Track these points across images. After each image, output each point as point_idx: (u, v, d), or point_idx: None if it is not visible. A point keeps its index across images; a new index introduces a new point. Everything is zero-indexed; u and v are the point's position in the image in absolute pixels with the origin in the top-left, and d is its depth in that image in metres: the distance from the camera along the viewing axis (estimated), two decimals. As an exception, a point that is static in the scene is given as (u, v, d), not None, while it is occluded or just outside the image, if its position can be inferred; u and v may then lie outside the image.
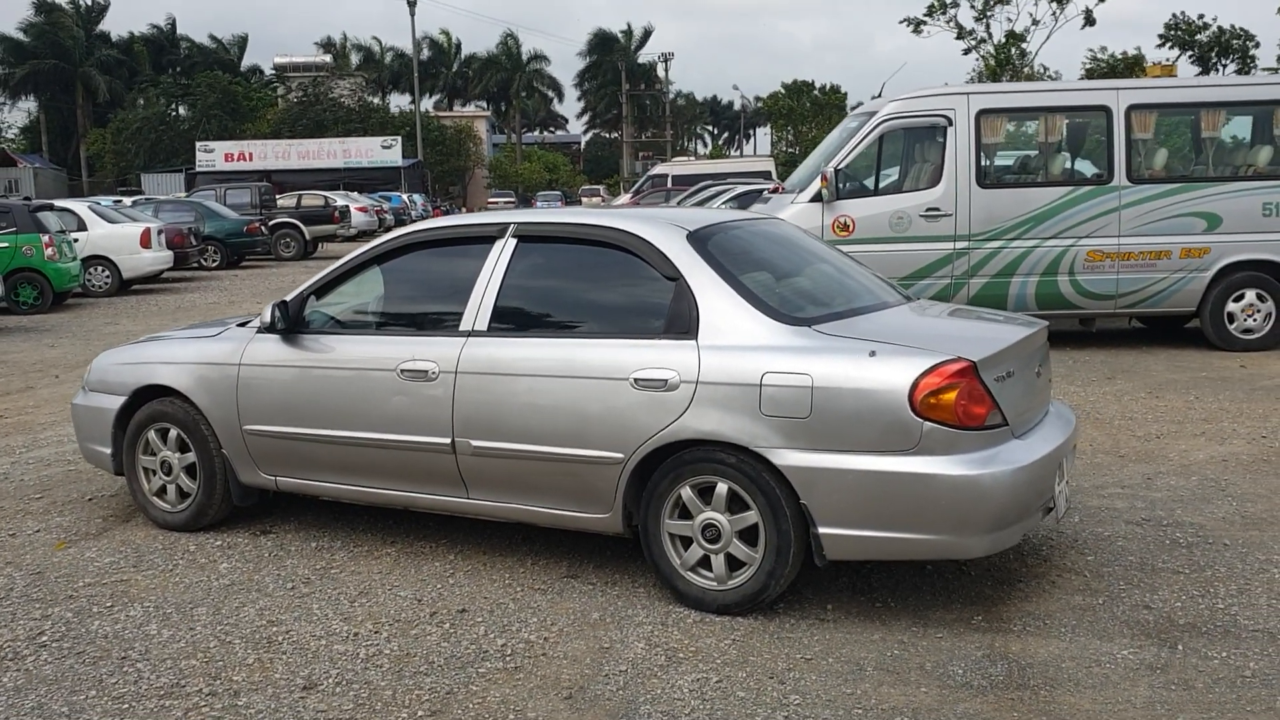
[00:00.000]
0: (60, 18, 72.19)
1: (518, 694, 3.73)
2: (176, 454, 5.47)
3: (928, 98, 10.67)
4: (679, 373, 4.33)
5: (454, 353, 4.75)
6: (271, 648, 4.13)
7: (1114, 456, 6.75)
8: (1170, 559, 4.93)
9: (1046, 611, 4.37)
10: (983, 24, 41.00)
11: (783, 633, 4.19)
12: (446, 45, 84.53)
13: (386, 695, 3.74)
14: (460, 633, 4.24)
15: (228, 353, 5.31)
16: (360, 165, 61.07)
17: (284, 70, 74.38)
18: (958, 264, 10.45)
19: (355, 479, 5.08)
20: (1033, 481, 4.19)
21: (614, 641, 4.14)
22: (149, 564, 5.07)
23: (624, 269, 4.67)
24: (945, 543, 4.09)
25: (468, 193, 72.14)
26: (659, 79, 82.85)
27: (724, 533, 4.31)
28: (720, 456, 4.27)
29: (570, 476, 4.56)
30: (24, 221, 15.89)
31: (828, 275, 5.16)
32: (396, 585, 4.75)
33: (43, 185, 62.10)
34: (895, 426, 4.03)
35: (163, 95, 71.94)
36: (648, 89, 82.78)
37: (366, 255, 5.23)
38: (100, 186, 63.39)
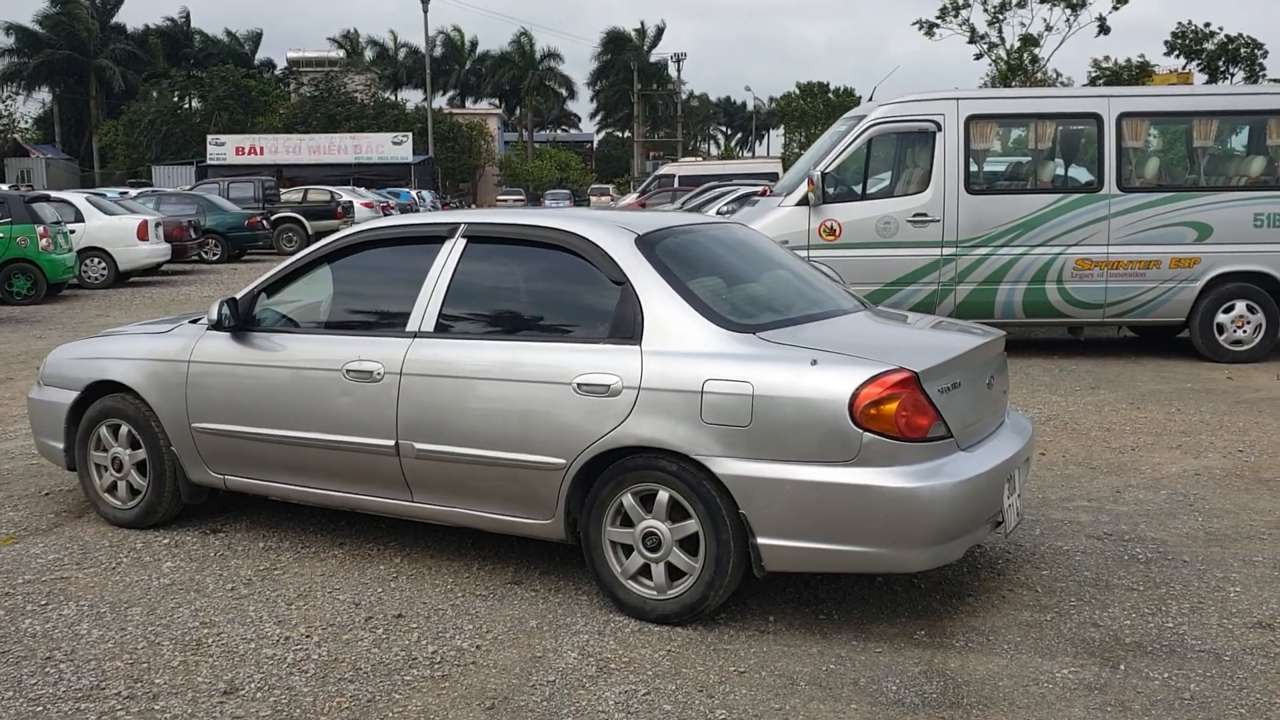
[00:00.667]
0: (75, 9, 72.40)
1: (440, 703, 3.67)
2: (127, 450, 5.42)
3: (917, 102, 10.57)
4: (621, 378, 4.26)
5: (399, 354, 4.69)
6: (199, 650, 4.07)
7: (1086, 468, 6.66)
8: (1126, 575, 4.85)
9: (992, 627, 4.29)
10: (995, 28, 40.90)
11: (720, 644, 4.12)
12: (460, 42, 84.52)
13: (306, 702, 3.68)
14: (393, 639, 4.18)
15: (178, 349, 5.26)
16: (371, 161, 61.17)
17: (297, 65, 74.61)
18: (945, 270, 10.36)
19: (302, 480, 5.02)
20: (977, 495, 4.11)
21: (547, 650, 4.07)
22: (92, 561, 5.02)
23: (572, 272, 4.60)
24: (884, 556, 4.01)
25: (478, 190, 72.19)
26: (671, 78, 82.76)
27: (664, 541, 4.24)
28: (661, 464, 4.20)
29: (513, 482, 4.49)
30: (19, 212, 15.89)
31: (784, 281, 5.09)
32: (337, 588, 4.69)
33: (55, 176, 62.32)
34: (835, 437, 3.96)
35: (175, 88, 72.07)
36: (660, 88, 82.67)
37: (318, 253, 5.17)
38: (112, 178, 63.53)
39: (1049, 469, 6.63)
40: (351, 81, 68.97)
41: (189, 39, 79.32)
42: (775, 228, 10.49)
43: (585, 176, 76.13)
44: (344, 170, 58.95)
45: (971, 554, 5.09)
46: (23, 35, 71.21)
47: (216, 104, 68.00)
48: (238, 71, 70.64)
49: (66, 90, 74.57)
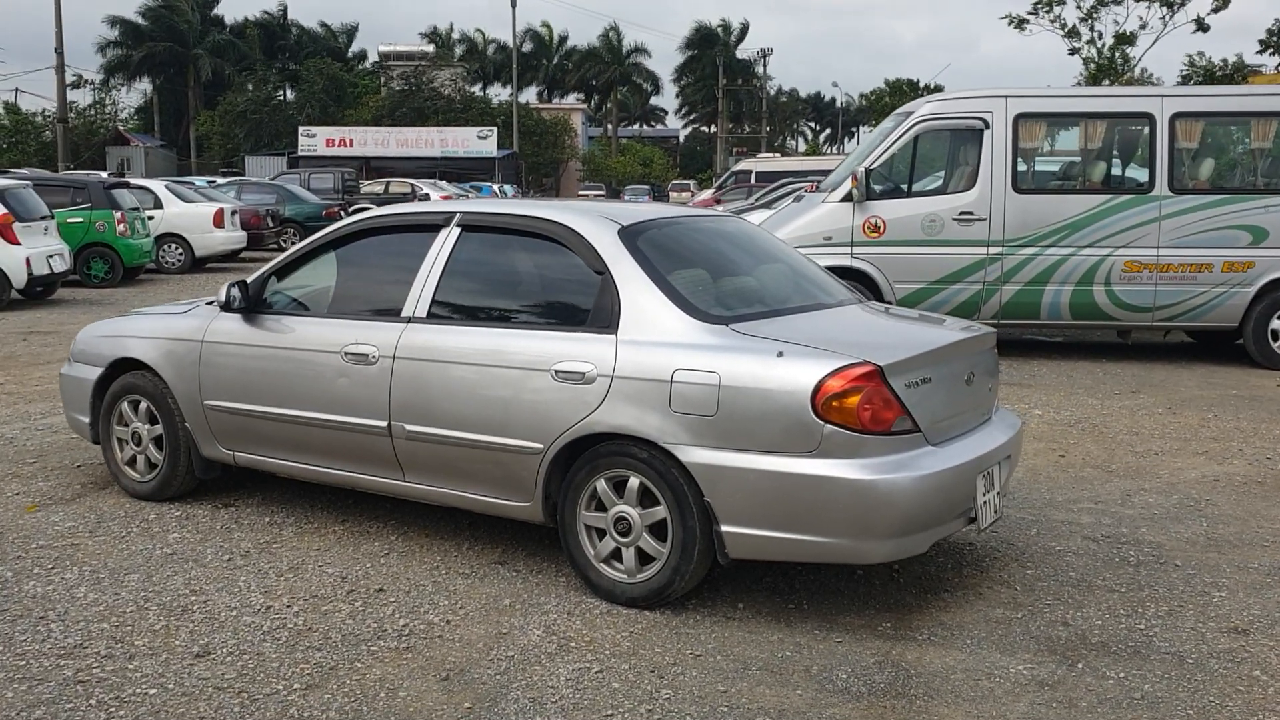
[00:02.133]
0: (176, 2, 74.50)
1: (397, 673, 3.80)
2: (146, 425, 5.66)
3: (965, 99, 10.48)
4: (596, 366, 4.35)
5: (393, 338, 4.84)
6: (184, 615, 4.26)
7: (1102, 471, 6.58)
8: (1111, 577, 4.81)
9: (960, 622, 4.31)
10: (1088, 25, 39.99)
11: (683, 628, 4.20)
12: (548, 38, 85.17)
13: (272, 667, 3.84)
14: (369, 611, 4.32)
15: (192, 329, 5.48)
16: (456, 154, 61.99)
17: (388, 59, 75.84)
18: (990, 270, 10.26)
19: (304, 457, 5.20)
20: (941, 490, 4.13)
21: (513, 628, 4.18)
22: (105, 530, 5.25)
23: (557, 261, 4.71)
24: (844, 547, 4.05)
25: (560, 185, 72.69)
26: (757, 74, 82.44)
27: (634, 526, 4.33)
28: (633, 451, 4.29)
29: (495, 465, 4.61)
30: (98, 198, 16.49)
31: (773, 274, 5.14)
32: (329, 562, 4.86)
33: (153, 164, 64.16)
34: (797, 428, 4.01)
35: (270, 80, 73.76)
36: (745, 84, 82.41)
37: (324, 239, 5.35)
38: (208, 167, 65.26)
39: (1063, 470, 6.58)
40: (440, 76, 69.92)
41: (285, 31, 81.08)
42: (818, 224, 10.52)
43: (668, 172, 76.22)
44: (430, 163, 59.80)
45: (957, 550, 5.10)
46: (126, 28, 73.46)
47: (309, 96, 69.46)
48: (331, 64, 72.09)
49: (166, 81, 76.73)
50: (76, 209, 16.41)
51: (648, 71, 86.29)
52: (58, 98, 48.49)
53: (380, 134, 63.05)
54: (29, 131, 67.32)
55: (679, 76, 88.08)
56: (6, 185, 14.36)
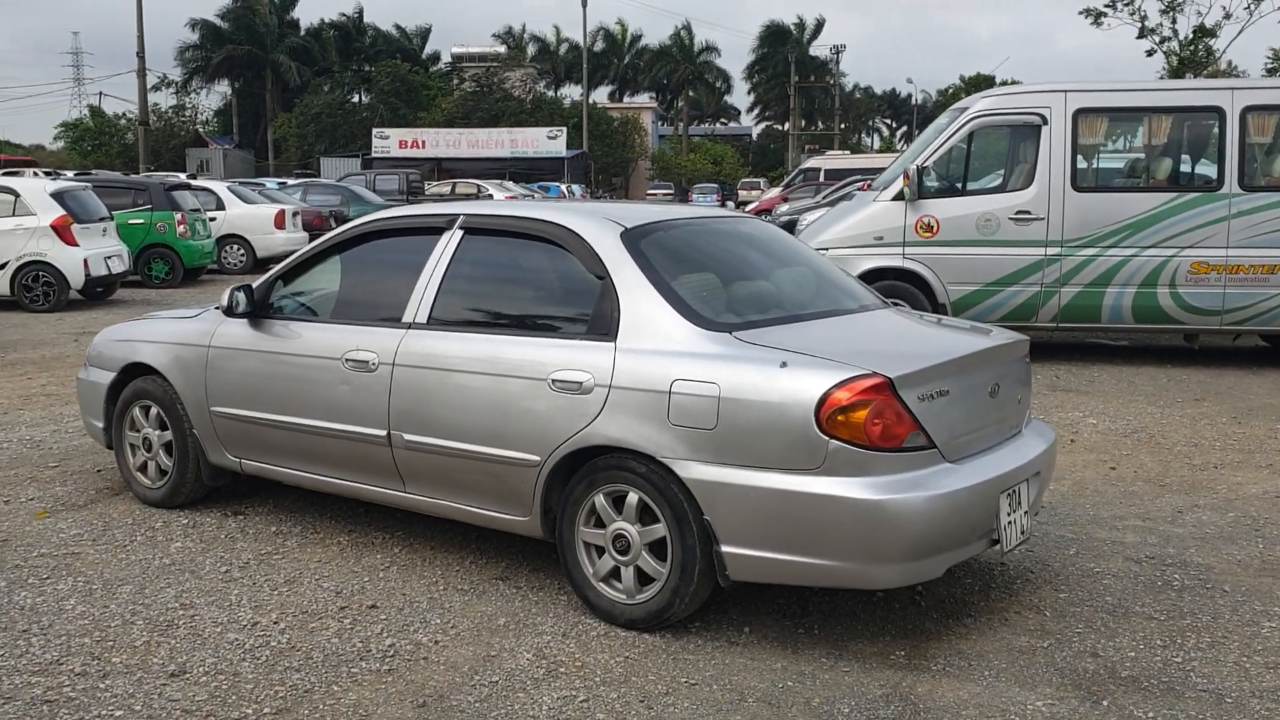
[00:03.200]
0: (255, 5, 75.76)
1: (374, 698, 3.63)
2: (157, 431, 5.57)
3: (1022, 94, 10.11)
4: (593, 375, 4.14)
5: (393, 344, 4.68)
6: (167, 631, 4.13)
7: (1154, 486, 6.22)
8: (1151, 602, 4.49)
9: (979, 651, 4.02)
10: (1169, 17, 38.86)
11: (682, 653, 3.97)
12: (621, 37, 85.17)
13: (246, 689, 3.68)
14: (357, 629, 4.16)
15: (200, 334, 5.37)
16: (526, 155, 62.22)
17: (460, 60, 76.39)
18: (1048, 271, 9.86)
19: (307, 466, 5.06)
20: (957, 511, 3.85)
21: (503, 650, 3.99)
22: (108, 538, 5.16)
23: (558, 265, 4.51)
24: (851, 571, 3.80)
25: (630, 184, 72.61)
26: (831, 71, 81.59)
27: (633, 545, 4.11)
28: (631, 465, 4.07)
29: (492, 477, 4.43)
30: (159, 200, 16.67)
31: (791, 278, 4.89)
32: (326, 575, 4.71)
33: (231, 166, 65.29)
34: (800, 443, 3.76)
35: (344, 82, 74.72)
36: (817, 81, 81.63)
37: (328, 243, 5.21)
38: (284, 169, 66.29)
39: (1113, 484, 6.22)
40: (511, 77, 70.26)
41: (361, 34, 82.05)
42: (868, 223, 10.21)
43: (738, 170, 75.78)
44: (500, 164, 60.10)
45: (986, 571, 4.81)
46: (206, 30, 74.86)
47: (382, 98, 70.20)
48: (404, 66, 72.77)
49: (245, 84, 78.07)
50: (137, 210, 16.61)
51: (719, 69, 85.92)
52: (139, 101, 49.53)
53: (452, 135, 63.49)
54: (112, 134, 69.00)
55: (750, 74, 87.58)
56: (66, 187, 14.55)
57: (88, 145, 68.22)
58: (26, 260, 13.76)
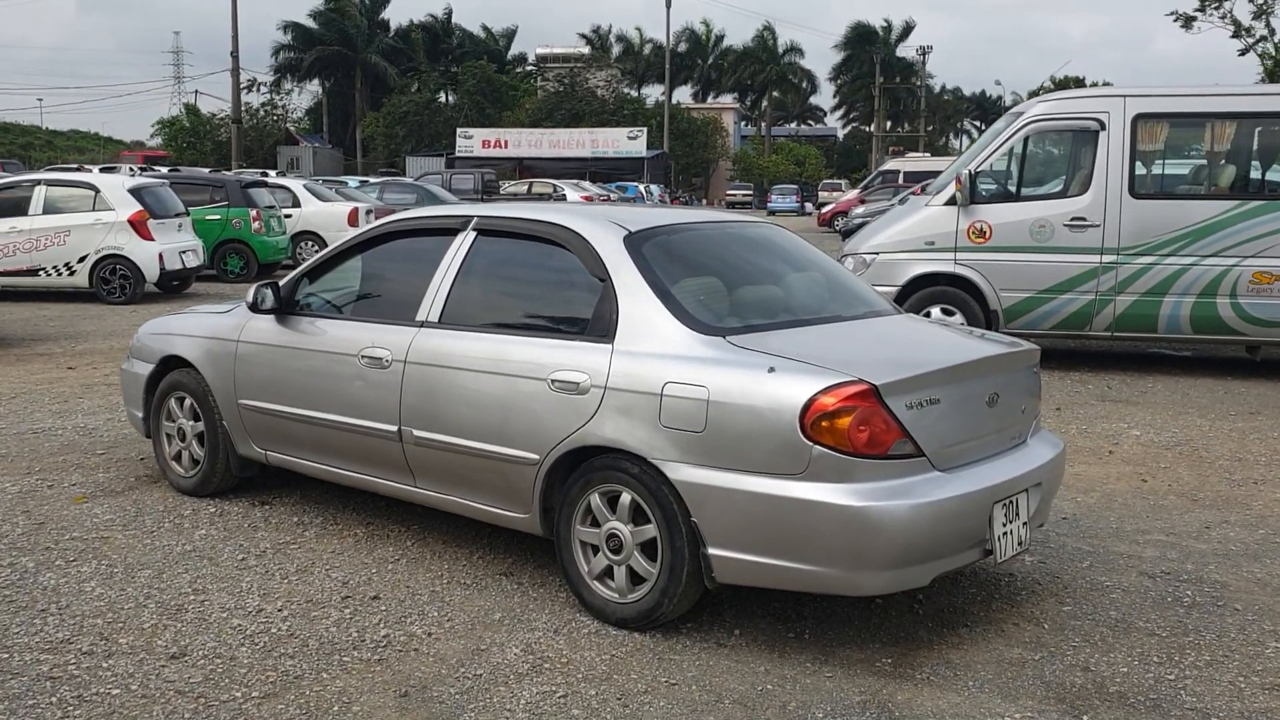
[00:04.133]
0: (346, 6, 77.22)
1: (359, 686, 3.73)
2: (190, 422, 5.76)
3: (1080, 99, 9.94)
4: (590, 376, 4.21)
5: (406, 342, 4.79)
6: (176, 615, 4.29)
7: (1186, 500, 6.10)
8: (1155, 618, 4.42)
9: (969, 661, 4.00)
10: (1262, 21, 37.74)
11: (670, 653, 4.01)
12: (705, 37, 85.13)
13: (240, 673, 3.81)
14: (356, 619, 4.27)
15: (230, 328, 5.54)
16: (606, 155, 62.50)
17: (545, 60, 76.99)
18: (1104, 279, 9.68)
19: (326, 459, 5.20)
20: (944, 519, 3.84)
21: (493, 644, 4.07)
22: (138, 524, 5.35)
23: (564, 266, 4.57)
24: (835, 577, 3.81)
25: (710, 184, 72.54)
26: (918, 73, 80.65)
27: (625, 544, 4.17)
28: (624, 466, 4.13)
29: (496, 474, 4.51)
30: (235, 197, 17.12)
31: (801, 283, 4.90)
32: (338, 566, 4.84)
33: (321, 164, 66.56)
34: (785, 448, 3.78)
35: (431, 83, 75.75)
36: (903, 83, 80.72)
37: (351, 242, 5.35)
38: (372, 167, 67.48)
39: (1142, 497, 6.12)
40: (594, 77, 70.62)
41: (449, 35, 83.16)
42: (920, 228, 10.13)
43: (821, 172, 75.26)
44: (580, 164, 60.47)
45: (992, 581, 4.78)
46: (298, 31, 76.48)
47: (467, 98, 71.05)
48: (489, 67, 73.59)
49: (335, 84, 79.63)
50: (214, 207, 17.07)
51: (803, 70, 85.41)
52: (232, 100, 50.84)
53: (534, 135, 64.03)
54: (206, 132, 70.80)
55: (836, 75, 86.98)
56: (144, 183, 15.02)
57: (183, 142, 70.08)
58: (104, 253, 14.24)
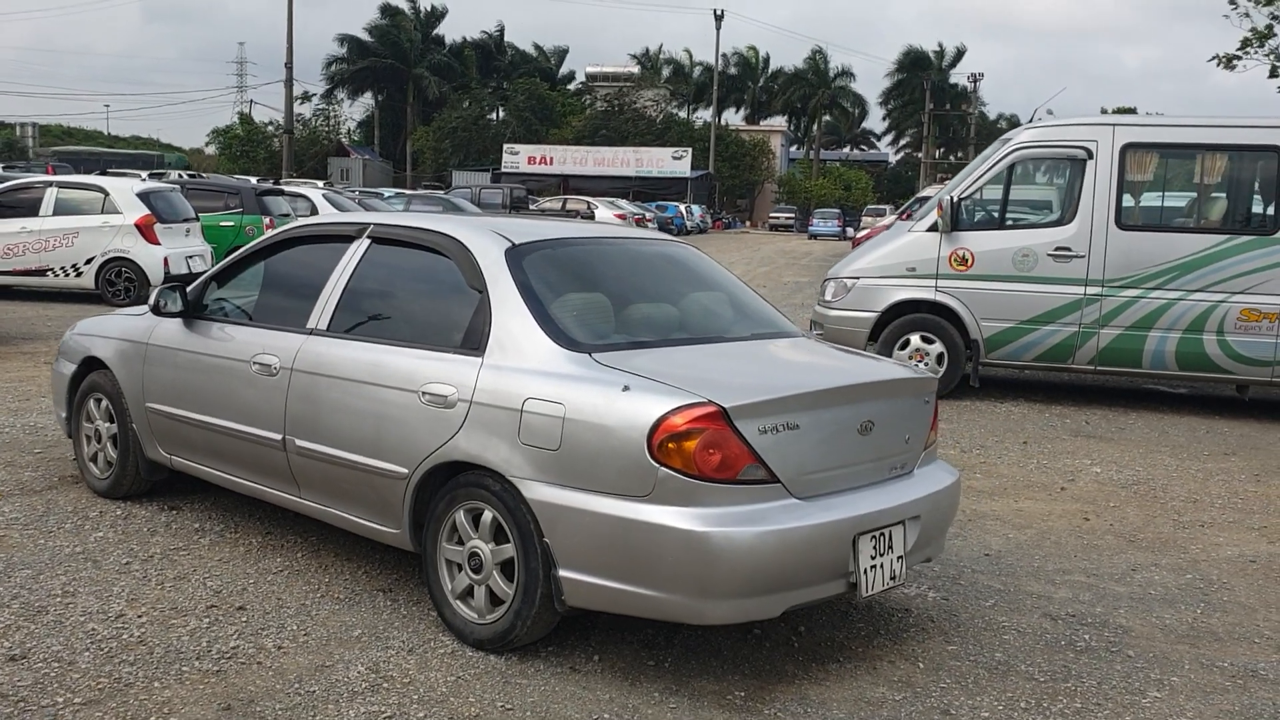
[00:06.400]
0: (402, 20, 78.12)
1: (186, 697, 3.66)
2: (106, 424, 5.75)
3: (1068, 127, 9.73)
4: (458, 389, 4.12)
5: (295, 349, 4.74)
6: (35, 617, 4.24)
7: (1123, 540, 5.90)
8: (1041, 662, 4.24)
9: (825, 698, 3.86)
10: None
11: (518, 677, 3.90)
12: (754, 60, 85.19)
13: (73, 678, 3.75)
14: (212, 630, 4.20)
15: (141, 330, 5.52)
16: (650, 174, 62.67)
17: (594, 79, 77.39)
18: (1087, 311, 9.46)
19: (220, 465, 5.16)
20: (794, 548, 3.71)
21: (338, 660, 3.98)
22: (39, 524, 5.33)
23: (447, 277, 4.49)
24: (680, 604, 3.68)
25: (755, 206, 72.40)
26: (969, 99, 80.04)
27: (485, 564, 4.07)
28: (487, 483, 4.03)
29: (368, 487, 4.44)
30: (249, 204, 17.26)
31: (699, 303, 4.79)
32: (217, 575, 4.77)
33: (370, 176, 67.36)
34: (632, 469, 3.67)
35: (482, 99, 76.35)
36: (953, 109, 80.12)
37: (255, 247, 5.31)
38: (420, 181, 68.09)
39: (1078, 536, 5.92)
40: (642, 97, 70.84)
41: (501, 52, 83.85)
42: (901, 254, 9.98)
43: (868, 196, 74.85)
44: (624, 183, 60.67)
45: (886, 615, 4.63)
46: (353, 45, 77.42)
47: (515, 114, 71.54)
48: (539, 84, 74.09)
49: (387, 97, 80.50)
50: (229, 213, 17.23)
51: (854, 94, 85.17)
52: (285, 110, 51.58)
53: (579, 153, 64.34)
54: (259, 141, 71.80)
55: (886, 100, 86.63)
56: (153, 188, 15.19)
57: (236, 151, 71.10)
58: (110, 256, 14.39)
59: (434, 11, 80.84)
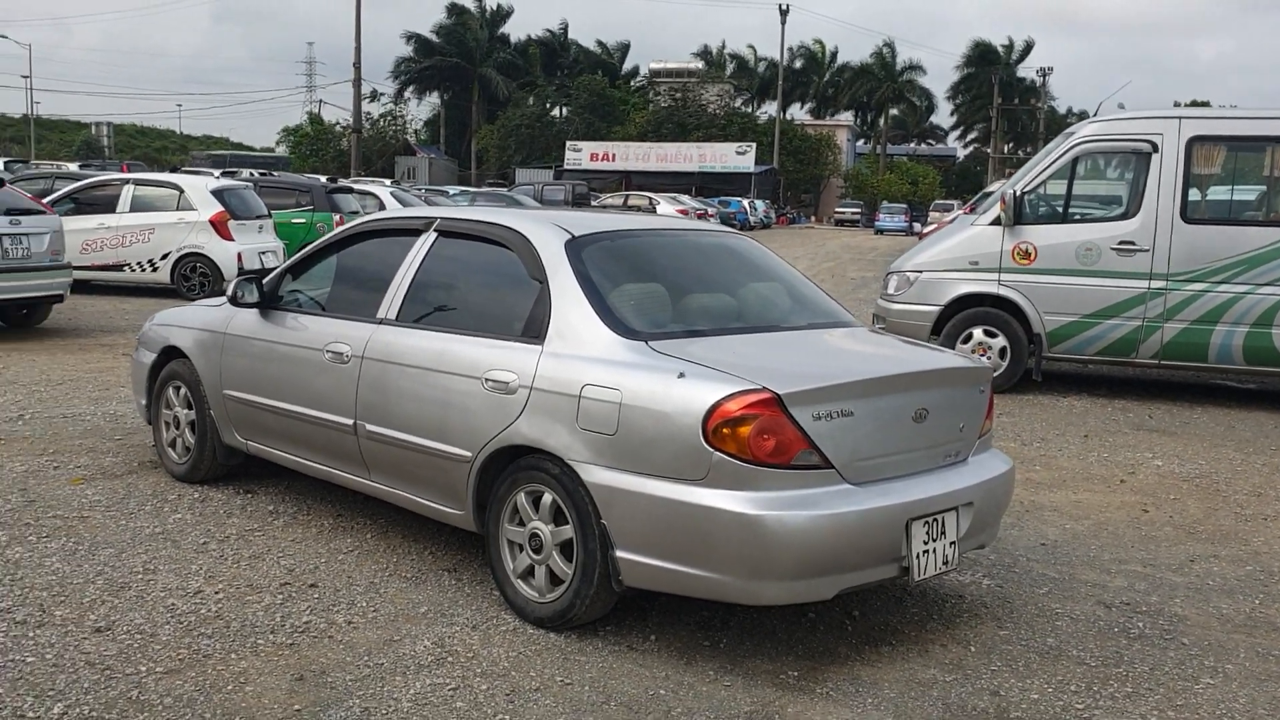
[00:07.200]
0: (468, 19, 78.92)
1: (260, 668, 3.83)
2: (184, 411, 5.98)
3: (1133, 120, 9.65)
4: (519, 376, 4.26)
5: (366, 337, 4.91)
6: (118, 593, 4.45)
7: (1182, 532, 5.89)
8: (1093, 648, 4.28)
9: (876, 679, 3.94)
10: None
11: (577, 654, 4.04)
12: (820, 55, 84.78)
13: (154, 649, 3.94)
14: (286, 606, 4.38)
15: (219, 321, 5.74)
16: (713, 170, 62.62)
17: (657, 75, 77.50)
18: (1151, 305, 9.38)
19: (295, 450, 5.35)
20: (847, 532, 3.79)
21: (405, 635, 4.14)
22: (120, 507, 5.56)
23: (509, 268, 4.63)
24: (735, 585, 3.78)
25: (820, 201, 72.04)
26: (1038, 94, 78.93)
27: (545, 544, 4.21)
28: (546, 466, 4.17)
29: (435, 469, 4.60)
30: (320, 201, 17.62)
31: (756, 293, 4.90)
32: (291, 554, 4.96)
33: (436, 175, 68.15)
34: (687, 453, 3.78)
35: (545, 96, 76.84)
36: (1022, 103, 79.06)
37: (330, 240, 5.50)
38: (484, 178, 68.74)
39: (1135, 528, 5.93)
40: (706, 92, 70.81)
41: (565, 50, 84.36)
42: (964, 248, 9.97)
43: (936, 192, 74.12)
44: (687, 178, 60.67)
45: (936, 602, 4.69)
46: (420, 44, 78.36)
47: (578, 111, 71.88)
48: (602, 81, 74.38)
49: (453, 96, 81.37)
50: (300, 210, 17.59)
51: (922, 89, 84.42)
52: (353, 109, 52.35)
53: (641, 149, 64.46)
54: (328, 140, 72.92)
55: (955, 94, 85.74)
56: (228, 185, 15.57)
57: (305, 150, 72.31)
58: (186, 252, 14.78)
59: (499, 11, 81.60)
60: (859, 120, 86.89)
